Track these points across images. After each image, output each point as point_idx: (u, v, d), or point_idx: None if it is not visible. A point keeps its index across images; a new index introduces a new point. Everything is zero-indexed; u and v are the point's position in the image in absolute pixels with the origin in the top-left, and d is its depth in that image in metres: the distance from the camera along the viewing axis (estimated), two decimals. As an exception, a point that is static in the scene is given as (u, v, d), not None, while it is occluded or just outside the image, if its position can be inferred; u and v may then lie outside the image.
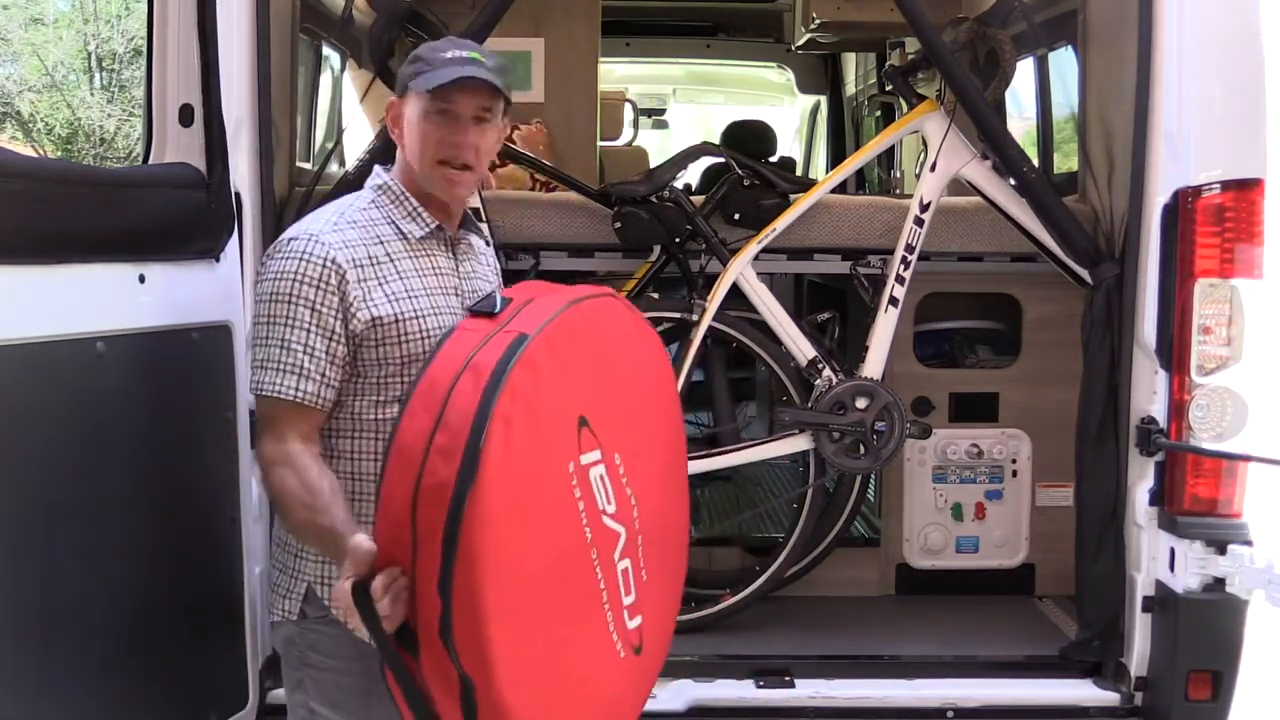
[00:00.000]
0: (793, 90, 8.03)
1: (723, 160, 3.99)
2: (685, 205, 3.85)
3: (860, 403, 3.76)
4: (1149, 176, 3.31)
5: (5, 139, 16.96)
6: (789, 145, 8.34)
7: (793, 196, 3.87)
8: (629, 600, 2.42)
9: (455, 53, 2.50)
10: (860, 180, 6.76)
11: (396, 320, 2.46)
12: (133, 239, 2.76)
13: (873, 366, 3.79)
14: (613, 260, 3.98)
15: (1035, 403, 4.13)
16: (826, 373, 3.80)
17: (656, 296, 4.02)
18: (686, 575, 2.81)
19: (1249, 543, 3.15)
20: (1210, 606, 3.18)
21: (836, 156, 7.53)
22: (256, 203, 3.26)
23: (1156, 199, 3.29)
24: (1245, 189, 3.20)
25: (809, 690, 3.41)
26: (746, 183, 3.88)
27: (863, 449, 3.79)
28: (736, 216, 3.87)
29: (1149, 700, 3.34)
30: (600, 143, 5.39)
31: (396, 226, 2.55)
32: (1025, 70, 4.64)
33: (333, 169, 4.26)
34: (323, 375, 2.43)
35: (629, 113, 6.58)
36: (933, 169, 3.77)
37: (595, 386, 2.39)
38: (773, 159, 6.86)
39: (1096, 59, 4.00)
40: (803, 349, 3.83)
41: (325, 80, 4.90)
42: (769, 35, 7.14)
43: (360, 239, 2.49)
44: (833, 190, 3.97)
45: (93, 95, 18.08)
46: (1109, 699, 3.38)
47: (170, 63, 3.04)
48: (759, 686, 3.43)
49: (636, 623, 2.46)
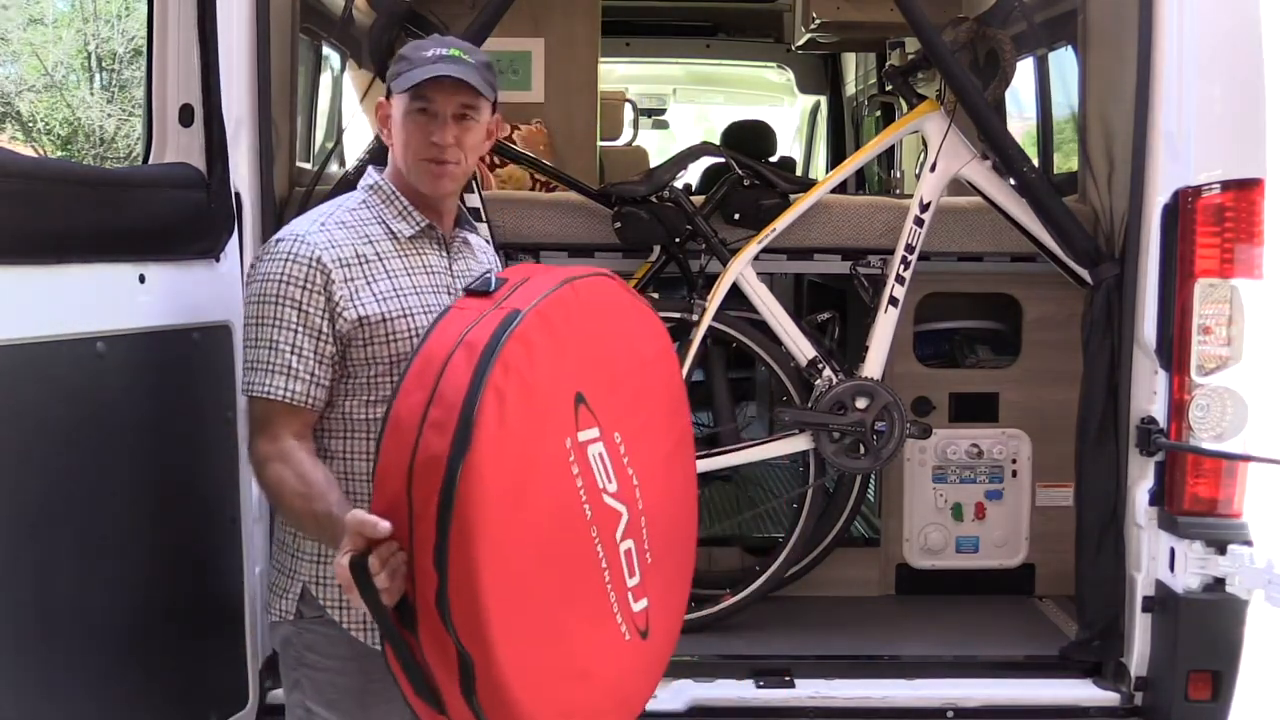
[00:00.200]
0: (793, 90, 8.03)
1: (723, 160, 3.98)
2: (685, 205, 3.85)
3: (860, 403, 3.76)
4: (1149, 176, 3.31)
5: (5, 139, 16.95)
6: (789, 145, 8.34)
7: (793, 196, 3.86)
8: (633, 582, 2.41)
9: (436, 51, 2.49)
10: (860, 180, 6.76)
11: (384, 319, 2.45)
12: (133, 239, 2.76)
13: (873, 366, 3.79)
14: (613, 260, 3.97)
15: (1035, 403, 4.13)
16: (826, 373, 3.80)
17: (656, 296, 4.01)
18: (686, 575, 2.80)
19: (1249, 543, 3.15)
20: (1210, 606, 3.18)
21: (836, 156, 7.53)
22: (256, 203, 3.26)
23: (1156, 199, 3.29)
24: (1245, 189, 3.20)
25: (809, 690, 3.41)
26: (746, 183, 3.87)
27: (863, 449, 3.79)
28: (736, 216, 3.87)
29: (1149, 700, 3.34)
30: (600, 143, 5.40)
31: (387, 226, 2.54)
32: (1025, 70, 4.64)
33: (333, 169, 4.26)
34: (312, 375, 2.42)
35: (629, 113, 6.59)
36: (933, 169, 3.77)
37: (592, 364, 2.39)
38: (773, 159, 6.87)
39: (1096, 59, 4.00)
40: (803, 349, 3.83)
41: (325, 80, 4.90)
42: (769, 35, 7.15)
43: (348, 239, 2.49)
44: (833, 190, 3.97)
45: (93, 95, 18.07)
46: (1109, 699, 3.38)
47: (170, 63, 3.04)
48: (759, 686, 3.42)
49: (642, 605, 2.44)
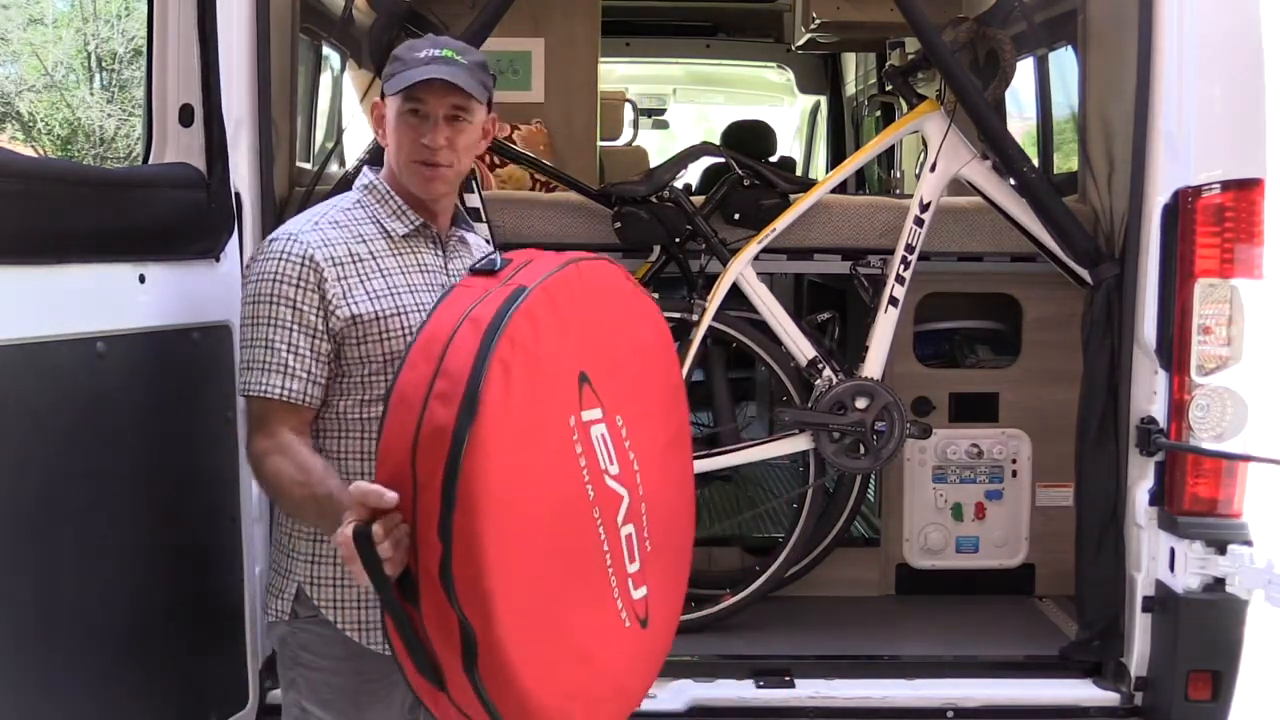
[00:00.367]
0: (793, 90, 8.03)
1: (723, 160, 3.98)
2: (685, 205, 3.85)
3: (860, 403, 3.76)
4: (1149, 176, 3.31)
5: (5, 139, 16.95)
6: (789, 145, 8.34)
7: (793, 196, 3.86)
8: (633, 568, 2.41)
9: (430, 52, 2.48)
10: (860, 180, 6.76)
11: (378, 318, 2.45)
12: (133, 239, 2.76)
13: (873, 366, 3.79)
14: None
15: (1035, 403, 4.13)
16: (826, 373, 3.80)
17: (656, 296, 4.00)
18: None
19: (1249, 543, 3.15)
20: (1210, 606, 3.18)
21: (836, 156, 7.53)
22: (256, 203, 3.26)
23: (1156, 199, 3.29)
24: (1245, 189, 3.20)
25: (809, 690, 3.41)
26: (746, 183, 3.87)
27: (863, 449, 3.79)
28: (736, 216, 3.87)
29: (1149, 700, 3.34)
30: (600, 143, 5.40)
31: (381, 225, 2.55)
32: (1025, 70, 4.64)
33: (333, 169, 4.26)
34: (309, 373, 2.43)
35: (629, 113, 6.59)
36: (933, 169, 3.77)
37: (595, 345, 2.39)
38: (773, 159, 6.87)
39: (1096, 59, 4.00)
40: (803, 349, 3.83)
41: (325, 80, 4.90)
42: (769, 35, 7.15)
43: (341, 238, 2.49)
44: (833, 190, 3.97)
45: (93, 95, 18.06)
46: (1109, 699, 3.38)
47: (170, 63, 3.04)
48: (759, 686, 3.42)
49: (642, 593, 2.44)
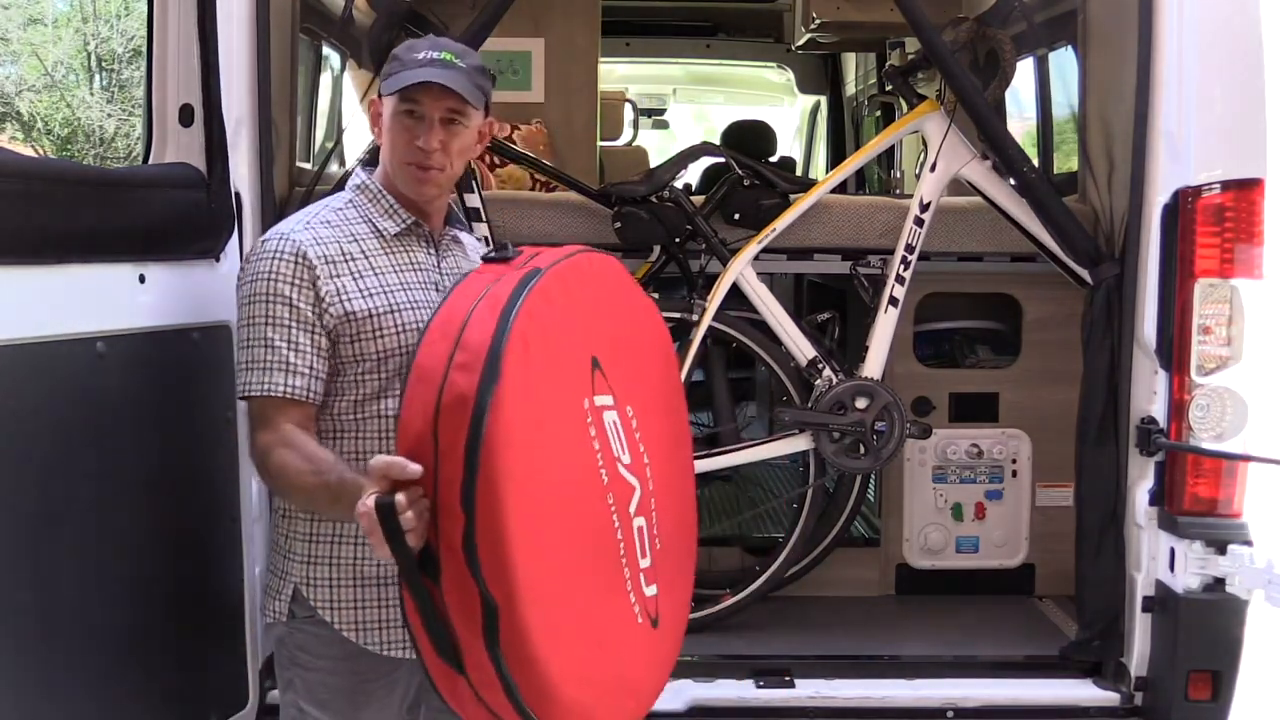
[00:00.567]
0: (793, 90, 8.03)
1: (723, 160, 3.98)
2: (685, 205, 3.85)
3: (860, 403, 3.76)
4: (1149, 176, 3.31)
5: (5, 139, 16.94)
6: (789, 145, 8.34)
7: (793, 196, 3.86)
8: (645, 563, 2.41)
9: (428, 53, 2.48)
10: (860, 180, 6.76)
11: (370, 315, 2.46)
12: (133, 239, 2.76)
13: (873, 366, 3.79)
14: (613, 260, 3.98)
15: (1035, 403, 4.13)
16: (826, 373, 3.80)
17: (656, 296, 4.01)
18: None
19: (1249, 543, 3.15)
20: (1210, 606, 3.18)
21: (836, 156, 7.52)
22: (256, 203, 3.26)
23: (1156, 199, 3.29)
24: (1245, 189, 3.20)
25: (809, 690, 3.41)
26: (746, 183, 3.87)
27: (863, 449, 3.79)
28: (736, 216, 3.87)
29: (1149, 700, 3.34)
30: (600, 143, 5.40)
31: (373, 224, 2.55)
32: (1025, 70, 4.64)
33: (333, 169, 4.26)
34: (311, 368, 2.43)
35: (629, 113, 6.59)
36: (933, 169, 3.77)
37: (604, 333, 2.41)
38: (773, 159, 6.87)
39: (1096, 59, 4.00)
40: (803, 349, 3.83)
41: (325, 80, 4.90)
42: (769, 35, 7.15)
43: (333, 236, 2.50)
44: (833, 190, 3.97)
45: (93, 95, 18.04)
46: (1109, 699, 3.38)
47: (170, 63, 3.04)
48: (759, 686, 3.42)
49: (653, 591, 2.44)
